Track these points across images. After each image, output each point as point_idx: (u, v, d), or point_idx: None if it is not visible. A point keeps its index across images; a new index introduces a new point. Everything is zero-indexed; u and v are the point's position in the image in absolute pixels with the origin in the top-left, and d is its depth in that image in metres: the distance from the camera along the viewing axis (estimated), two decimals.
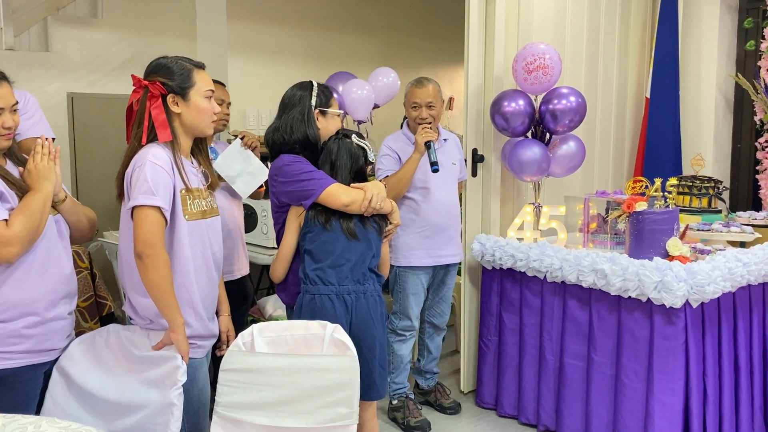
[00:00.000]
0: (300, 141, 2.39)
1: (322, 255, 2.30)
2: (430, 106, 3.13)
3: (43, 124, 2.68)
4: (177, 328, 1.92)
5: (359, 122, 3.98)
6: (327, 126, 2.46)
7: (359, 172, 2.44)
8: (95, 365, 2.01)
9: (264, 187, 3.10)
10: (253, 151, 2.94)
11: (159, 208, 1.89)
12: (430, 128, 3.01)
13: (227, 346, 2.20)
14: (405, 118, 3.32)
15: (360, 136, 2.46)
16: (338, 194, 2.28)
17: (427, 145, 2.97)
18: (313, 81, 2.49)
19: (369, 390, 2.28)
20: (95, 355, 2.03)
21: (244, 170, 2.90)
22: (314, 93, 2.44)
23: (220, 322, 2.23)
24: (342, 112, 2.51)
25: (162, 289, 1.88)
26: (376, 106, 3.99)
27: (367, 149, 2.45)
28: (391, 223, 2.45)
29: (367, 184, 2.37)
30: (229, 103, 3.21)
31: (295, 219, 2.37)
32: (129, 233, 1.94)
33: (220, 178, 2.84)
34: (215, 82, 2.39)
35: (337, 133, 2.45)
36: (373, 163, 2.51)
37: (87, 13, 4.25)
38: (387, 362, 2.40)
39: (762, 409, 3.00)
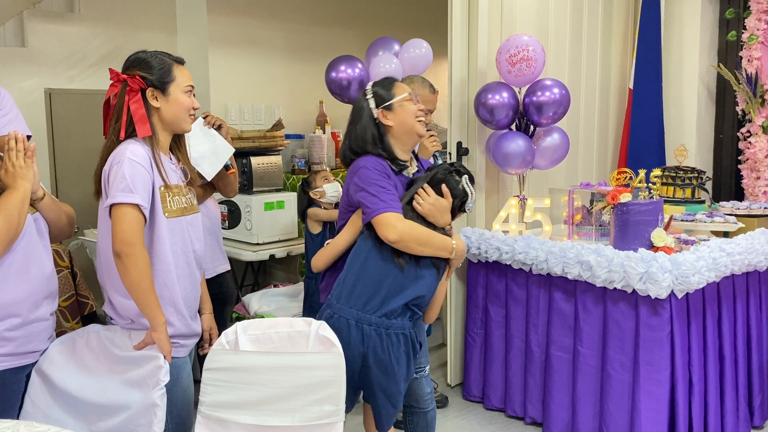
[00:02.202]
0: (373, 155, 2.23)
1: (362, 270, 2.12)
2: (431, 112, 3.02)
3: (19, 121, 2.62)
4: (159, 327, 1.89)
5: None
6: (399, 118, 2.21)
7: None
8: (76, 366, 1.97)
9: (235, 170, 2.93)
10: (218, 130, 2.86)
11: (138, 206, 1.85)
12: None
13: (210, 345, 2.17)
14: None
15: (472, 179, 2.23)
16: (386, 226, 2.06)
17: (435, 155, 2.95)
18: (367, 84, 2.31)
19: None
20: (75, 356, 1.99)
21: (209, 150, 2.78)
22: (369, 96, 2.24)
23: (202, 320, 2.20)
24: (408, 94, 2.24)
25: (142, 289, 1.85)
26: None
27: (469, 197, 2.21)
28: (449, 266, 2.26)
29: (458, 241, 2.19)
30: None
31: (358, 221, 2.21)
32: (107, 232, 1.90)
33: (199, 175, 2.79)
34: None
35: (452, 164, 2.26)
36: (465, 212, 2.27)
37: (63, 7, 4.18)
38: (399, 402, 2.21)
39: (746, 398, 3.03)
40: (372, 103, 2.23)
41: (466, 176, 2.22)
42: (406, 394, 2.46)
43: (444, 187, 2.17)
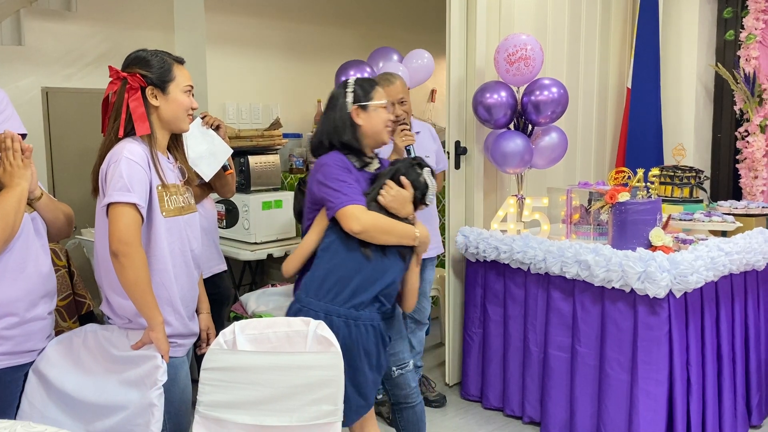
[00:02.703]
0: (341, 146, 2.28)
1: (330, 264, 2.17)
2: (402, 102, 2.99)
3: (15, 119, 2.62)
4: (156, 327, 1.88)
5: None
6: (370, 120, 2.29)
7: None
8: (73, 366, 1.97)
9: (232, 170, 2.96)
10: (216, 130, 2.86)
11: (135, 205, 1.85)
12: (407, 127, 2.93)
13: (207, 345, 2.16)
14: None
15: (433, 174, 2.32)
16: (350, 218, 2.11)
17: (408, 150, 2.85)
18: (350, 78, 2.36)
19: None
20: (73, 356, 1.98)
21: (207, 151, 2.79)
22: (349, 90, 2.30)
23: (200, 320, 2.19)
24: (386, 102, 2.33)
25: (140, 288, 1.84)
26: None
27: (429, 189, 2.28)
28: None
29: (421, 229, 2.25)
30: None
31: (323, 220, 2.25)
32: (104, 231, 1.89)
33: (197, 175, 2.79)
34: None
35: (415, 158, 2.33)
36: (428, 205, 2.35)
37: (60, 5, 4.16)
38: (370, 394, 2.22)
39: (744, 397, 3.03)
40: (350, 98, 2.30)
41: (427, 169, 2.29)
42: (392, 391, 2.48)
43: (404, 178, 2.23)
